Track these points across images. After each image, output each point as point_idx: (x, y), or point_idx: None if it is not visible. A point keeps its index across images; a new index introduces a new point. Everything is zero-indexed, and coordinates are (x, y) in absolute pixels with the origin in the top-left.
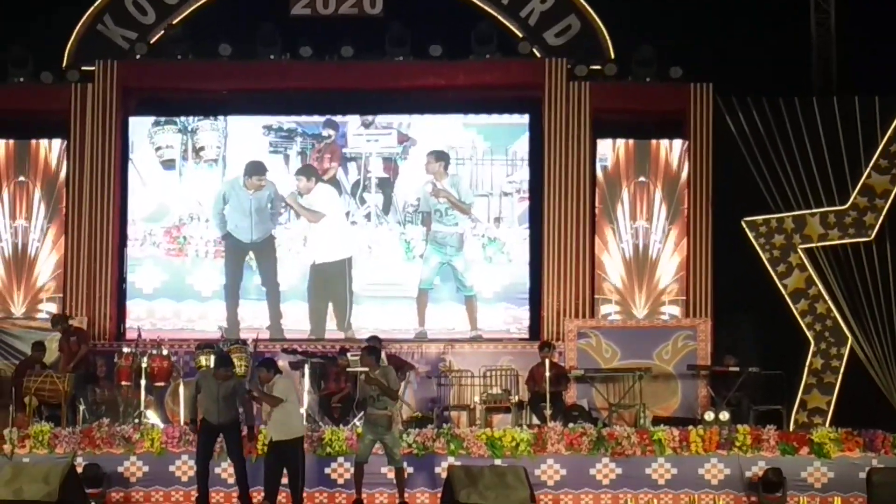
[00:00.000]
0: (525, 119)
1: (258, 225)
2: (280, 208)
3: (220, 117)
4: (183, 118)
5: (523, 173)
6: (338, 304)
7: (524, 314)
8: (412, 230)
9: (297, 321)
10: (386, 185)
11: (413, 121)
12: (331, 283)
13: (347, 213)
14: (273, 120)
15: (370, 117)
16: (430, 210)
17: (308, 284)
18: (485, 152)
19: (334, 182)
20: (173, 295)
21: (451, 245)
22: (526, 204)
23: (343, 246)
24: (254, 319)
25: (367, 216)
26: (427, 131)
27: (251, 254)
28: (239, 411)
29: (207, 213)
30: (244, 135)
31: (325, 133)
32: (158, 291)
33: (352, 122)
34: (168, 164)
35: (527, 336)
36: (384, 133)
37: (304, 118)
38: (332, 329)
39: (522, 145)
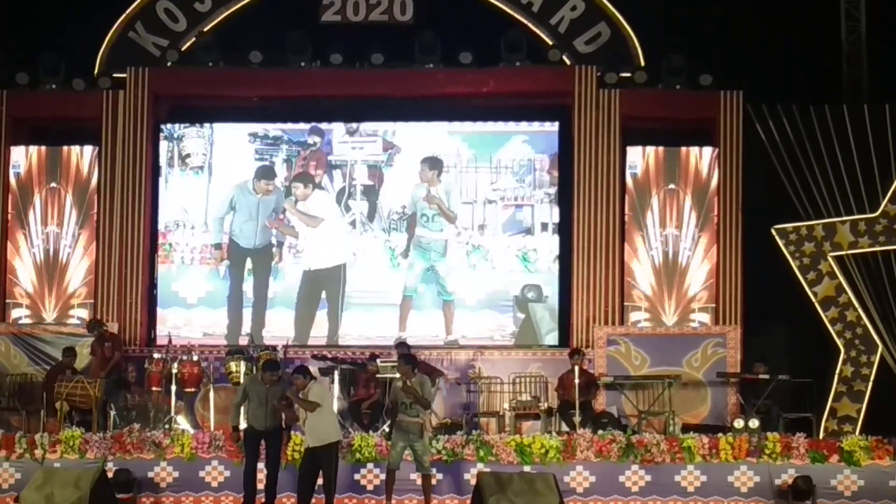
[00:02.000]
0: (508, 127)
1: (262, 231)
2: (281, 216)
3: (206, 124)
4: (171, 125)
5: (507, 181)
6: (330, 310)
7: (508, 321)
8: (397, 237)
9: (281, 329)
10: (371, 193)
11: (398, 128)
12: (325, 288)
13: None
14: (259, 127)
15: (354, 125)
16: (417, 214)
17: (299, 291)
18: (469, 160)
19: (323, 189)
20: (159, 301)
21: (436, 251)
22: (510, 211)
23: (339, 251)
24: (248, 327)
25: (353, 223)
26: (412, 139)
27: (249, 260)
28: (282, 417)
29: (193, 220)
30: (230, 142)
31: (310, 140)
32: (158, 298)
33: (337, 129)
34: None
35: (511, 343)
36: (369, 140)
37: (289, 125)
38: (321, 335)
39: (506, 153)
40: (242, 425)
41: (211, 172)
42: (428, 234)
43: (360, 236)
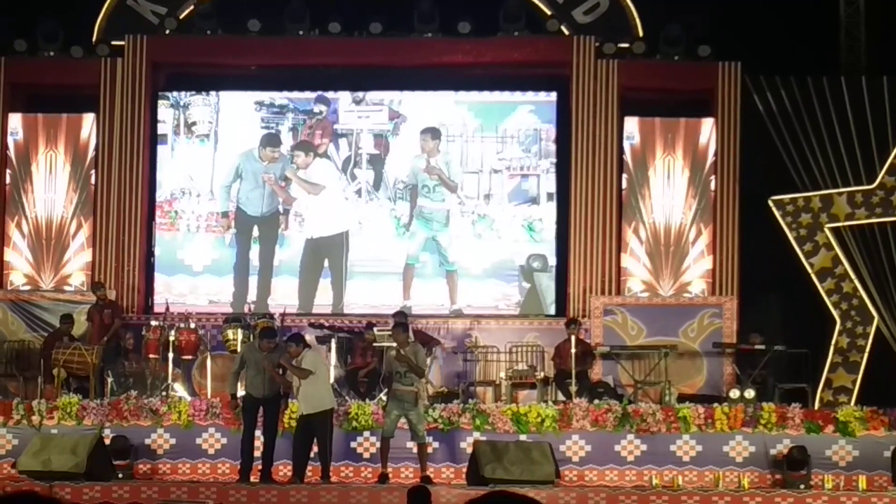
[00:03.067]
0: (515, 97)
1: (269, 199)
2: (282, 183)
3: (213, 92)
4: (176, 93)
5: (513, 151)
6: (333, 279)
7: (513, 291)
8: (402, 206)
9: (285, 297)
10: (377, 162)
11: (404, 97)
12: (327, 257)
13: (344, 189)
14: (265, 96)
15: (361, 94)
16: (418, 185)
17: (302, 259)
18: (475, 129)
19: (325, 158)
20: (164, 269)
21: (438, 221)
22: (516, 181)
23: (341, 219)
24: (254, 295)
25: (358, 192)
26: (418, 108)
27: (255, 228)
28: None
29: (199, 188)
30: (236, 110)
31: (316, 109)
32: (155, 265)
33: (343, 98)
34: (160, 139)
35: (516, 312)
36: (375, 109)
37: (295, 94)
38: (325, 304)
39: (512, 123)
40: (240, 393)
41: (217, 140)
42: (430, 205)
43: (365, 205)
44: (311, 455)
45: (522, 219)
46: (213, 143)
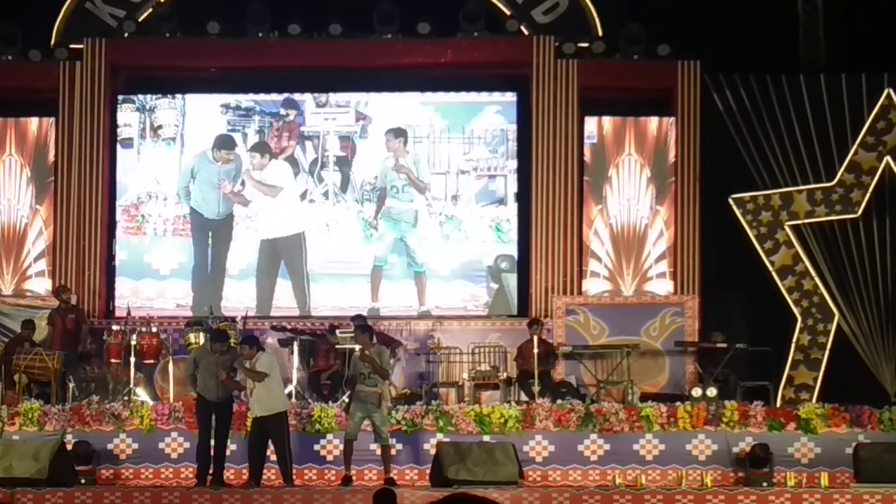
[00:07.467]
0: (482, 97)
1: (224, 200)
2: (239, 185)
3: (178, 95)
4: (142, 96)
5: (480, 151)
6: (294, 281)
7: (481, 291)
8: (370, 208)
9: (248, 300)
10: (344, 164)
11: (370, 99)
12: (284, 258)
13: (305, 192)
14: (231, 98)
15: (324, 96)
16: (387, 186)
17: (258, 261)
18: (442, 130)
19: (292, 160)
20: (131, 273)
21: (407, 221)
22: (484, 182)
23: (296, 221)
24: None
25: (325, 194)
26: (384, 110)
27: (211, 231)
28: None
29: (166, 192)
30: (202, 113)
31: (283, 111)
32: (116, 269)
33: (309, 100)
34: (126, 143)
35: (484, 313)
36: (341, 111)
37: (262, 96)
38: (292, 306)
39: (479, 123)
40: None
41: (183, 143)
42: (398, 205)
43: (332, 207)
44: (269, 458)
45: (490, 219)
46: (179, 146)
